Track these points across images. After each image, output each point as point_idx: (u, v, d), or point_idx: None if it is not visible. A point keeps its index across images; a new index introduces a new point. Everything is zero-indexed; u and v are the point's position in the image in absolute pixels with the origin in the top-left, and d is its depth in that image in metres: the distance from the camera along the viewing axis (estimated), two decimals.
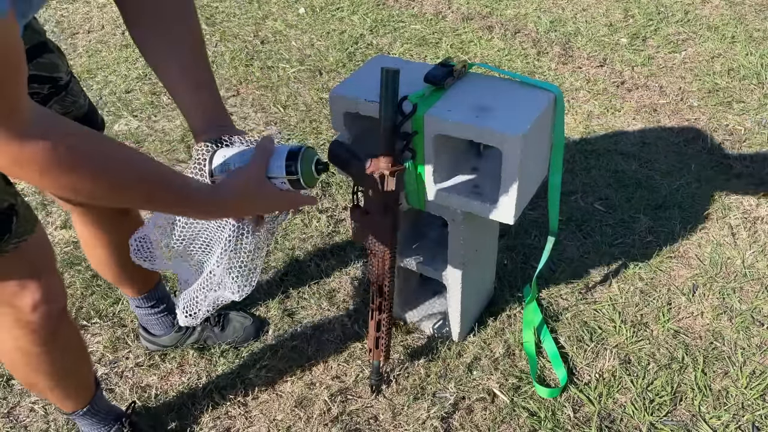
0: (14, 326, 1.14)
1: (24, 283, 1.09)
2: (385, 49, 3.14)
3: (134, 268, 1.51)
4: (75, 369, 1.32)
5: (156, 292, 1.62)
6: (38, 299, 1.12)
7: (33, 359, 1.21)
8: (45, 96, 1.17)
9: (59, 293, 1.18)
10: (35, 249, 1.10)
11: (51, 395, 1.32)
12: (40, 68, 1.14)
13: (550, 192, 1.53)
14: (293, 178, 0.99)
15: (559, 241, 2.02)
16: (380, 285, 1.46)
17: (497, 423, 1.54)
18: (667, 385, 1.61)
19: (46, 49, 1.16)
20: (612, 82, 2.84)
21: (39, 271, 1.11)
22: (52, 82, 1.18)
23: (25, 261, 1.08)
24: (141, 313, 1.64)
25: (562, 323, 1.78)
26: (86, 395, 1.37)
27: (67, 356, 1.27)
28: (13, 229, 1.04)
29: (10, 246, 1.04)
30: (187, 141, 2.54)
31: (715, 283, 1.89)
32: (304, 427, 1.54)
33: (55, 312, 1.16)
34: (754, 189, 2.22)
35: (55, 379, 1.27)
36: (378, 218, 1.38)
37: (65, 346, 1.25)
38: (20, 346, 1.18)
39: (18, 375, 1.27)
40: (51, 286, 1.14)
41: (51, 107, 1.17)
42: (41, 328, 1.15)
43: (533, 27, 3.29)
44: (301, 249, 2.04)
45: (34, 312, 1.12)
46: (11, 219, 1.03)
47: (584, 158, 2.39)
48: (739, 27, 3.21)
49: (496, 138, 1.29)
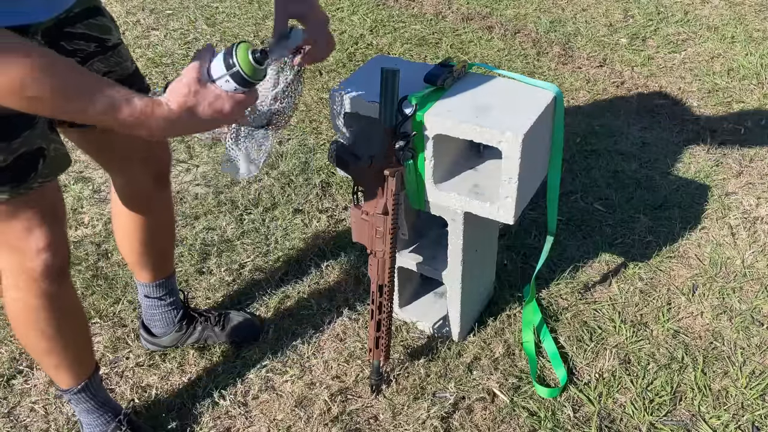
0: (19, 272, 1.18)
1: (31, 226, 1.14)
2: (385, 49, 3.15)
3: (154, 249, 1.56)
4: (73, 338, 1.34)
5: (169, 282, 1.63)
6: (42, 245, 1.16)
7: (33, 314, 1.24)
8: (90, 53, 1.22)
9: (62, 246, 1.21)
10: (50, 196, 1.16)
11: (47, 362, 1.33)
12: (91, 28, 1.22)
13: (549, 192, 1.53)
14: (234, 71, 0.99)
15: (559, 241, 2.02)
16: (380, 285, 1.46)
17: (497, 423, 1.54)
18: (667, 385, 1.61)
19: (100, 12, 1.24)
20: (612, 82, 2.84)
21: (48, 217, 1.16)
22: (100, 42, 1.24)
23: (38, 205, 1.13)
24: (147, 305, 1.64)
25: (561, 323, 1.78)
26: (83, 372, 1.38)
27: (66, 321, 1.29)
28: (39, 169, 1.10)
29: (35, 184, 1.10)
30: (187, 141, 2.54)
31: (715, 283, 1.89)
32: (304, 427, 1.55)
33: (55, 264, 1.19)
34: (754, 189, 2.22)
35: (52, 341, 1.29)
36: (378, 219, 1.38)
37: (65, 308, 1.27)
38: (22, 297, 1.22)
39: (18, 332, 1.30)
40: (56, 235, 1.18)
41: (93, 64, 1.23)
42: (41, 278, 1.19)
43: (533, 27, 3.29)
44: (301, 249, 2.04)
45: (37, 257, 1.16)
46: (38, 160, 1.09)
47: (584, 158, 2.39)
48: (739, 27, 3.21)
49: (496, 138, 1.29)
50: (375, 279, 1.46)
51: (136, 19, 3.47)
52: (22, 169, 1.08)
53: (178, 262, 1.99)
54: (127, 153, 1.38)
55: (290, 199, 2.23)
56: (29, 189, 1.10)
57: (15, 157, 1.06)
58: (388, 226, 1.39)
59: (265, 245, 2.06)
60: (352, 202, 1.42)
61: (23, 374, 1.69)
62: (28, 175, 1.09)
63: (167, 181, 1.51)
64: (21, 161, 1.07)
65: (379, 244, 1.41)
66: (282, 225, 2.13)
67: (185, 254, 2.02)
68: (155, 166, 1.46)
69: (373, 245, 1.42)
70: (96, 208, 2.22)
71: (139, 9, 3.57)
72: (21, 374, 1.69)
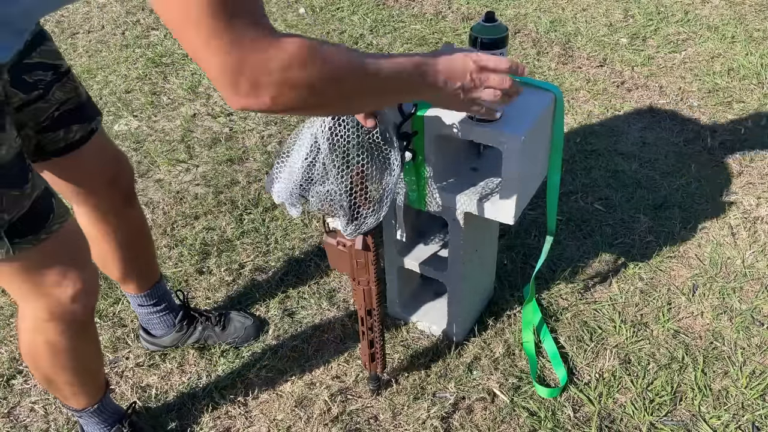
0: (46, 318, 1.13)
1: (65, 271, 1.09)
2: (385, 49, 3.14)
3: (137, 264, 1.54)
4: (94, 366, 1.33)
5: (158, 289, 1.62)
6: (79, 289, 1.11)
7: (60, 354, 1.20)
8: (48, 82, 1.19)
9: (95, 286, 1.18)
10: (73, 235, 1.12)
11: (66, 391, 1.31)
12: (44, 56, 1.17)
13: (548, 192, 1.53)
14: None
15: (559, 241, 2.02)
16: (369, 310, 1.38)
17: (497, 423, 1.54)
18: (667, 385, 1.61)
19: (46, 36, 1.19)
20: (612, 82, 2.84)
21: (78, 259, 1.12)
22: (55, 68, 1.20)
23: (66, 247, 1.09)
24: (143, 312, 1.64)
25: (562, 323, 1.78)
26: (98, 393, 1.38)
27: (90, 352, 1.28)
28: (56, 209, 1.06)
29: (56, 225, 1.06)
30: (187, 141, 2.54)
31: (715, 283, 1.89)
32: (304, 427, 1.55)
33: (90, 305, 1.17)
34: (754, 189, 2.22)
35: (74, 374, 1.27)
36: (359, 253, 1.27)
37: (91, 341, 1.26)
38: (48, 340, 1.17)
39: (39, 371, 1.26)
40: (89, 276, 1.14)
41: (54, 93, 1.20)
42: (75, 321, 1.15)
43: (533, 27, 3.29)
44: (301, 249, 2.04)
45: (74, 303, 1.12)
46: (51, 201, 1.06)
47: (584, 158, 2.39)
48: (739, 27, 3.21)
49: (495, 138, 1.29)
50: (362, 305, 1.36)
51: (136, 18, 3.47)
52: (41, 213, 1.05)
53: (178, 262, 1.99)
54: (97, 176, 1.35)
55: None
56: (50, 232, 1.06)
57: (32, 202, 1.03)
58: (370, 259, 1.27)
59: (265, 245, 2.06)
60: (323, 227, 1.29)
61: (23, 374, 1.69)
62: (47, 218, 1.05)
63: (134, 195, 1.47)
64: (38, 206, 1.04)
65: (362, 273, 1.30)
66: (282, 225, 2.13)
67: (185, 254, 2.02)
68: (124, 182, 1.43)
69: (356, 275, 1.31)
70: None
71: (139, 9, 3.57)
72: (21, 374, 1.69)
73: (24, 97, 1.14)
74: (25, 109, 1.16)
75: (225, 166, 2.40)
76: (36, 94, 1.16)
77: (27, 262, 1.06)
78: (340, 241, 1.29)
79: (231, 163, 2.42)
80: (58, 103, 1.21)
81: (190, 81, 2.93)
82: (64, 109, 1.22)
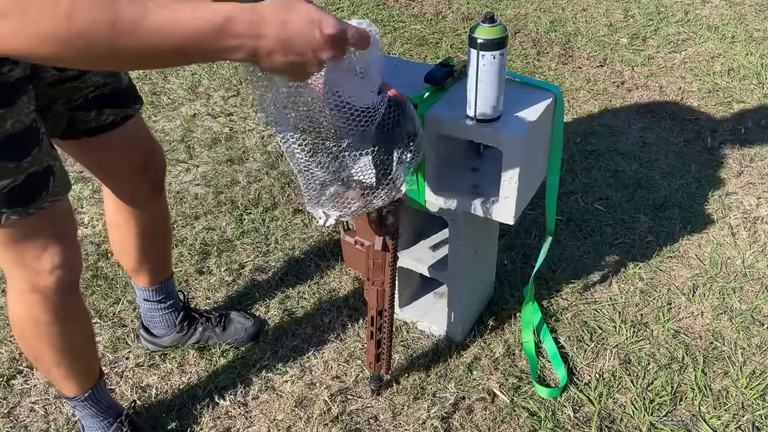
0: (29, 290, 1.17)
1: (46, 245, 1.13)
2: (385, 49, 3.15)
3: (152, 256, 1.56)
4: (82, 348, 1.34)
5: (167, 286, 1.63)
6: (57, 263, 1.15)
7: (43, 328, 1.23)
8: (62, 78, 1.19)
9: (76, 262, 1.21)
10: (62, 214, 1.15)
11: (55, 373, 1.32)
12: None
13: (547, 192, 1.53)
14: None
15: (559, 241, 2.02)
16: (380, 310, 1.38)
17: (497, 423, 1.54)
18: (667, 385, 1.61)
19: None
20: (612, 82, 2.84)
21: (61, 235, 1.15)
22: None
23: (51, 223, 1.12)
24: (147, 308, 1.64)
25: (562, 323, 1.78)
26: (89, 380, 1.38)
27: (76, 332, 1.29)
28: (50, 188, 1.09)
29: (46, 203, 1.09)
30: (187, 141, 2.54)
31: (715, 283, 1.89)
32: (304, 427, 1.54)
33: (69, 280, 1.19)
34: (754, 189, 2.22)
35: (61, 354, 1.28)
36: (377, 254, 1.27)
37: (75, 320, 1.27)
38: (32, 314, 1.21)
39: (26, 346, 1.29)
40: (70, 252, 1.17)
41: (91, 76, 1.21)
42: (54, 294, 1.18)
43: (533, 27, 3.29)
44: (301, 249, 2.04)
45: (51, 275, 1.15)
46: (49, 178, 1.09)
47: (584, 158, 2.39)
48: (739, 27, 3.21)
49: (495, 138, 1.29)
50: (374, 306, 1.37)
51: None
52: (33, 189, 1.07)
53: (178, 262, 1.99)
54: (127, 161, 1.38)
55: (290, 199, 2.23)
56: (40, 208, 1.08)
57: (25, 177, 1.05)
58: (387, 260, 1.27)
59: (265, 245, 2.06)
60: (342, 225, 1.26)
61: (23, 374, 1.69)
62: (39, 195, 1.08)
63: (163, 187, 1.50)
64: (31, 180, 1.06)
65: (377, 274, 1.30)
66: (282, 225, 2.13)
67: (185, 254, 2.02)
68: (154, 172, 1.45)
69: (371, 275, 1.31)
70: (96, 208, 2.22)
71: None
72: (21, 374, 1.69)
73: (57, 74, 1.16)
74: (60, 86, 1.18)
75: (225, 166, 2.40)
76: (71, 74, 1.18)
77: (12, 231, 1.09)
78: (358, 240, 1.28)
79: (231, 163, 2.42)
80: (94, 86, 1.23)
81: (190, 81, 2.93)
82: (100, 92, 1.25)
